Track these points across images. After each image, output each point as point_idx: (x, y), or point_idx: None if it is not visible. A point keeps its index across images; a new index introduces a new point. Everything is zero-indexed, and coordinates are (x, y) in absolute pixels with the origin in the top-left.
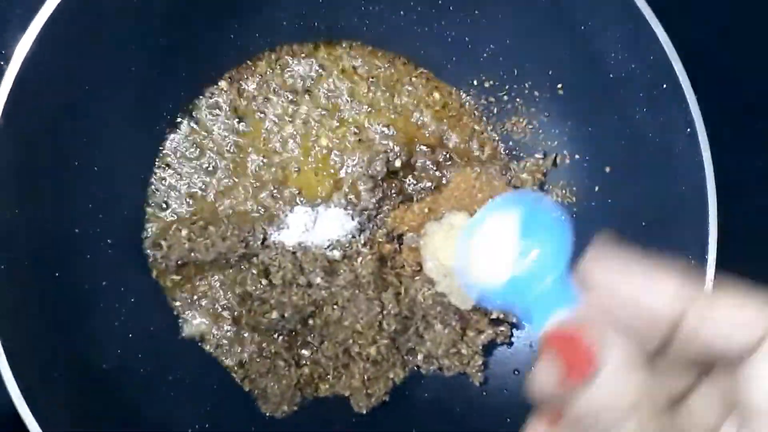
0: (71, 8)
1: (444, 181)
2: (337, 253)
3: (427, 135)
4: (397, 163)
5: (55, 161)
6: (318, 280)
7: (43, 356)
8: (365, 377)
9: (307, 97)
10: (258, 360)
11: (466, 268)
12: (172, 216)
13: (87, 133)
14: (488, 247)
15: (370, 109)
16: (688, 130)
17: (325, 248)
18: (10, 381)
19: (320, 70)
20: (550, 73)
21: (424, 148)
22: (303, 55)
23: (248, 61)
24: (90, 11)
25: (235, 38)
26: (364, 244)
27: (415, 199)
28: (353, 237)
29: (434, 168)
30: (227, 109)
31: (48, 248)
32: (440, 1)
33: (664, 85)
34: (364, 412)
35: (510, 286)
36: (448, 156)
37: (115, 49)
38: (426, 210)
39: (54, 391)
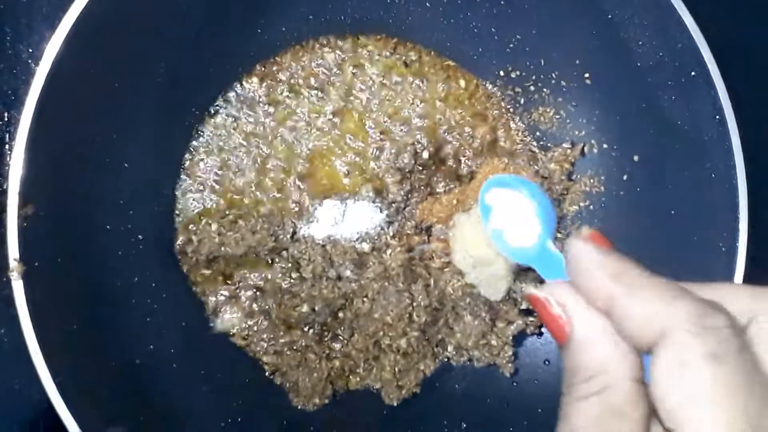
0: (100, 5)
1: (472, 172)
2: (366, 246)
3: (455, 126)
4: (425, 155)
5: (86, 158)
6: (348, 272)
7: (77, 352)
8: (396, 369)
9: (334, 90)
10: (289, 353)
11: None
12: (202, 210)
13: (117, 130)
14: (515, 215)
15: (397, 101)
16: (717, 117)
17: (354, 241)
18: (46, 376)
19: (347, 63)
20: (577, 62)
21: (451, 139)
22: (329, 48)
23: (275, 56)
24: (119, 8)
25: (262, 33)
26: (393, 237)
27: (443, 190)
28: (382, 229)
29: (462, 159)
30: (255, 103)
31: (80, 245)
32: None
33: (693, 73)
34: (395, 404)
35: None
36: (475, 147)
37: (144, 45)
38: (454, 201)
39: (88, 386)
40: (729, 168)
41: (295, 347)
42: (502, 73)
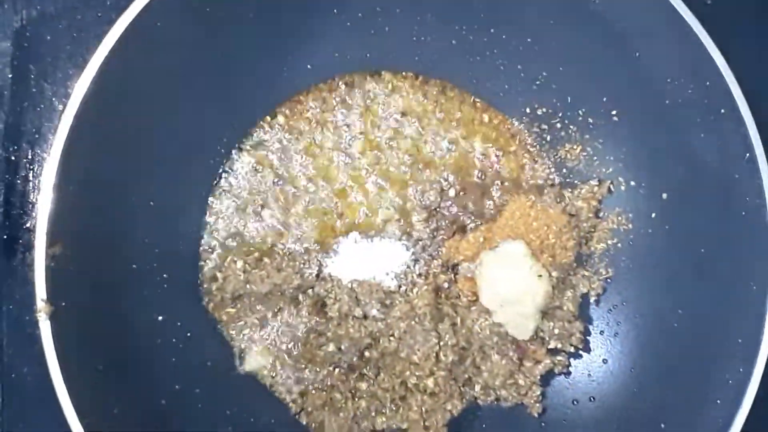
0: (127, 47)
1: (498, 210)
2: (392, 284)
3: (481, 164)
4: (451, 193)
5: (111, 198)
6: (374, 311)
7: (103, 393)
8: (423, 410)
9: (358, 127)
10: (314, 393)
11: None
12: (227, 248)
13: (143, 169)
14: None
15: (422, 138)
16: (747, 155)
17: (381, 279)
18: (73, 418)
19: (372, 101)
20: (604, 99)
21: (477, 176)
22: (354, 86)
23: (300, 95)
24: (145, 49)
25: (288, 71)
26: (419, 275)
27: (469, 228)
28: (408, 267)
29: (488, 196)
30: (279, 142)
31: (106, 285)
32: (492, 30)
33: (722, 110)
34: None
35: None
36: (502, 184)
37: (170, 85)
38: (481, 239)
39: (115, 428)
40: (760, 206)
41: (320, 387)
42: (528, 110)
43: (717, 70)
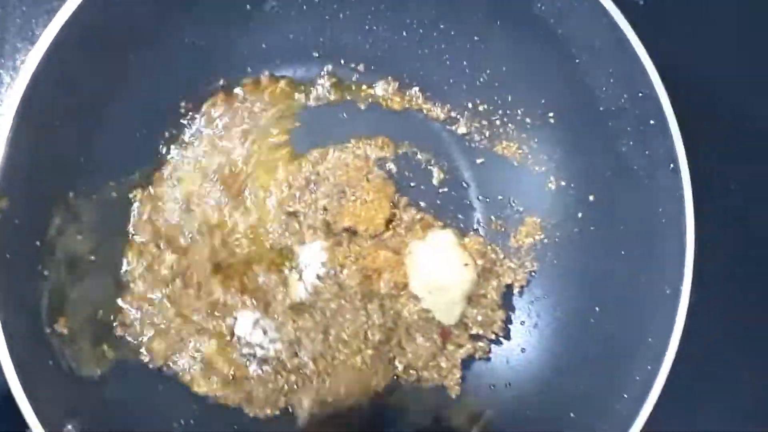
0: (76, 24)
1: None
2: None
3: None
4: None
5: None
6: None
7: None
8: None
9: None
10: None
11: None
12: None
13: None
14: None
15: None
16: (672, 165)
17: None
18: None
19: (312, 91)
20: (542, 101)
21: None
22: (295, 78)
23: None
24: (97, 26)
25: (238, 53)
26: (347, 257)
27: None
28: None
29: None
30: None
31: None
32: (442, 26)
33: (652, 121)
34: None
35: None
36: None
37: (121, 64)
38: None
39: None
40: (679, 215)
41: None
42: (470, 105)
43: (650, 83)
